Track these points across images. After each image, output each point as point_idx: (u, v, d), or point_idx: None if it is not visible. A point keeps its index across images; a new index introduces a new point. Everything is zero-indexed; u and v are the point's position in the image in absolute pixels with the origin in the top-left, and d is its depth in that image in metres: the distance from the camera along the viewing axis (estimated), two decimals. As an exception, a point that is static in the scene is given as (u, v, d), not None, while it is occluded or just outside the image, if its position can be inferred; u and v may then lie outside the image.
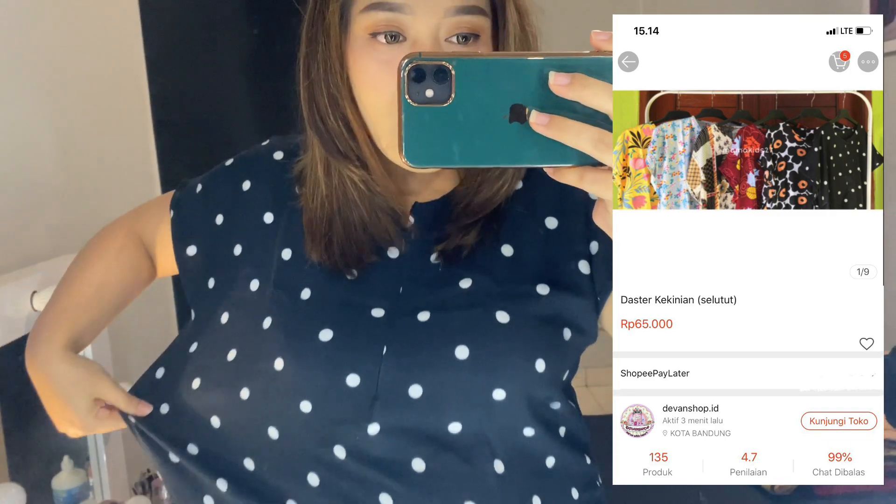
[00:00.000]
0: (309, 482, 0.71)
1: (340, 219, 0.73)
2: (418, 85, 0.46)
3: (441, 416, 0.69)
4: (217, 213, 0.82)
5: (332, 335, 0.70)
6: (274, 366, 0.70)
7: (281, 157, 0.82)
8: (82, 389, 0.82)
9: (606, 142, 0.45)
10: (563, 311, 0.72)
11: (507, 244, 0.74)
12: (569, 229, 0.75)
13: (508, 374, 0.69)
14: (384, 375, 0.68)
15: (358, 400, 0.69)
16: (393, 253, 0.74)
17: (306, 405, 0.70)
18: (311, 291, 0.72)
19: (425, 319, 0.70)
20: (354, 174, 0.72)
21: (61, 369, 0.82)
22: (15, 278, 1.24)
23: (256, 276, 0.76)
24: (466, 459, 0.70)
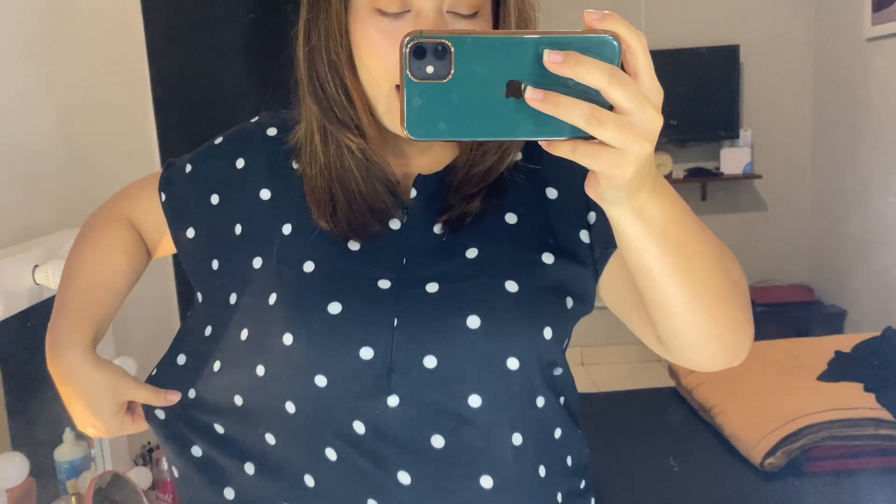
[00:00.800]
0: (327, 457, 0.71)
1: (340, 188, 0.73)
2: (419, 62, 0.48)
3: (460, 388, 0.69)
4: (212, 193, 0.80)
5: (340, 308, 0.69)
6: (283, 340, 0.70)
7: (275, 133, 0.81)
8: (109, 395, 0.81)
9: (598, 116, 0.47)
10: (567, 280, 0.73)
11: (510, 212, 0.75)
12: (569, 200, 0.76)
13: (520, 342, 0.70)
14: (397, 347, 0.69)
15: (374, 373, 0.69)
16: (395, 224, 0.74)
17: (321, 379, 0.70)
18: (315, 264, 0.72)
19: (434, 291, 0.70)
20: (352, 142, 0.72)
21: (90, 375, 0.80)
22: (16, 252, 1.25)
23: (259, 254, 0.75)
24: (486, 434, 0.70)
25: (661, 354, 0.73)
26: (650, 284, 0.61)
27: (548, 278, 0.73)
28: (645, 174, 0.51)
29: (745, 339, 0.68)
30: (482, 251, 0.72)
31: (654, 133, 0.49)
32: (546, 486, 0.73)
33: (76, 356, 0.81)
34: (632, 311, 0.74)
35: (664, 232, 0.56)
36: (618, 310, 0.76)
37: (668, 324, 0.65)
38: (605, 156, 0.48)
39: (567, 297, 0.74)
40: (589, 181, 0.53)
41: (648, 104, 0.48)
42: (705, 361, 0.69)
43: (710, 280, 0.62)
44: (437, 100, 0.48)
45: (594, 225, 0.75)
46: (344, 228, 0.72)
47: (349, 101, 0.71)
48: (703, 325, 0.64)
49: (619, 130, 0.47)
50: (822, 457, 2.08)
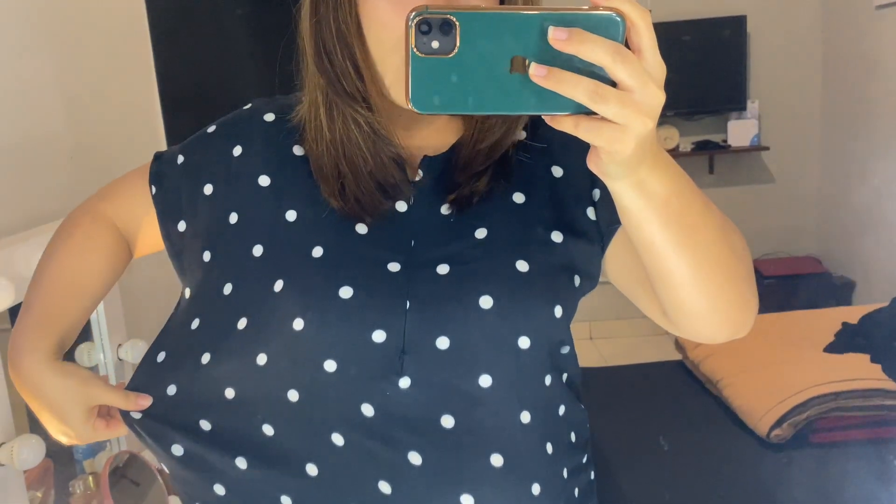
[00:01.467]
0: (333, 442, 0.70)
1: (347, 164, 0.72)
2: (425, 37, 0.49)
3: (471, 368, 0.69)
4: (205, 184, 0.78)
5: (352, 292, 0.69)
6: (292, 327, 0.69)
7: (272, 118, 0.79)
8: (76, 400, 0.78)
9: (600, 93, 0.48)
10: (576, 258, 0.74)
11: (518, 192, 0.74)
12: (574, 178, 0.76)
13: (532, 321, 0.70)
14: (410, 329, 0.68)
15: (386, 355, 0.68)
16: (402, 206, 0.73)
17: (331, 364, 0.69)
18: (324, 249, 0.71)
19: (445, 272, 0.70)
20: (359, 115, 0.70)
21: (51, 381, 0.78)
22: (26, 238, 1.27)
23: (259, 242, 0.74)
24: (495, 413, 0.70)
25: (666, 328, 0.73)
26: (653, 257, 0.62)
27: (557, 257, 0.73)
28: (646, 149, 0.52)
29: (749, 310, 0.69)
30: (491, 231, 0.72)
31: (655, 109, 0.49)
32: (553, 463, 0.74)
33: (36, 364, 0.78)
34: (637, 286, 0.74)
35: (665, 205, 0.57)
36: (623, 285, 0.77)
37: (672, 296, 0.65)
38: (607, 131, 0.49)
39: (575, 275, 0.74)
40: (590, 156, 0.53)
41: (651, 81, 0.48)
42: (710, 333, 0.70)
43: (713, 252, 0.62)
44: (442, 74, 0.49)
45: (599, 202, 0.75)
46: (353, 206, 0.72)
47: (357, 73, 0.70)
48: (706, 297, 0.64)
49: (621, 107, 0.48)
50: (828, 428, 2.09)
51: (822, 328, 2.57)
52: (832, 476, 1.91)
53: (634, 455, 2.16)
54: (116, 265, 0.86)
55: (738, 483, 1.96)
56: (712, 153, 3.78)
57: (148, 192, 0.81)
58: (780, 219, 3.89)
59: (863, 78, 3.43)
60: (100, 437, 0.81)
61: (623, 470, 2.08)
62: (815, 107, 3.82)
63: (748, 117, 3.73)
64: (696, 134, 3.83)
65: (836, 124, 3.71)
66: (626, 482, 2.02)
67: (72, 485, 1.43)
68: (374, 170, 0.72)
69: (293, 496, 0.72)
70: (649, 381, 2.71)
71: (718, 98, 3.73)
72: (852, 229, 3.61)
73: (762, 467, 2.03)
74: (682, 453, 2.13)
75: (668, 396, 2.56)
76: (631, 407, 2.46)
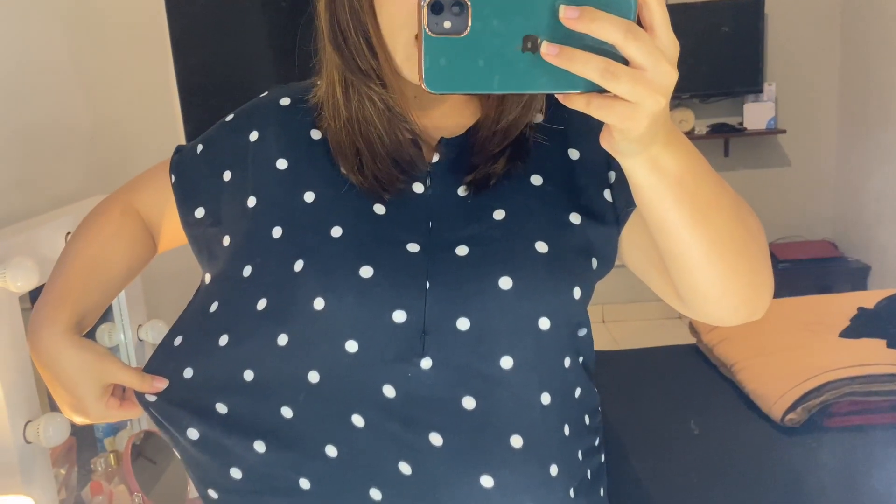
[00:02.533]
0: (353, 423, 0.71)
1: (363, 141, 0.72)
2: (437, 17, 0.49)
3: (491, 349, 0.69)
4: (224, 171, 0.79)
5: (372, 272, 0.69)
6: (313, 306, 0.69)
7: (288, 102, 0.79)
8: (90, 375, 0.78)
9: (612, 71, 0.48)
10: (593, 241, 0.74)
11: (535, 174, 0.75)
12: (591, 160, 0.76)
13: (552, 302, 0.71)
14: (430, 309, 0.69)
15: (407, 335, 0.69)
16: (419, 188, 0.74)
17: (352, 345, 0.69)
18: (343, 229, 0.71)
19: (464, 254, 0.70)
20: (374, 92, 0.71)
21: (67, 353, 0.77)
22: (49, 220, 1.28)
23: (278, 224, 0.74)
24: (516, 394, 0.70)
25: (681, 311, 0.73)
26: (666, 237, 0.62)
27: (576, 239, 0.73)
28: (659, 127, 0.52)
29: (765, 292, 0.68)
30: (509, 212, 0.72)
31: (668, 87, 0.49)
32: (570, 445, 0.75)
33: (53, 336, 0.78)
34: (651, 268, 0.74)
35: (679, 183, 0.57)
36: (637, 267, 0.77)
37: (686, 278, 0.65)
38: (619, 109, 0.49)
39: (593, 257, 0.74)
40: (603, 133, 0.54)
41: (663, 59, 0.48)
42: (725, 315, 0.69)
43: (728, 231, 0.62)
44: (454, 54, 0.49)
45: (615, 183, 0.75)
46: (372, 183, 0.72)
47: (371, 51, 0.70)
48: (721, 278, 0.64)
49: (633, 85, 0.48)
50: (842, 412, 2.09)
51: (837, 313, 2.56)
52: (846, 461, 1.91)
53: (647, 438, 2.16)
54: (142, 254, 0.86)
55: (752, 467, 1.96)
56: (728, 136, 3.75)
57: (169, 182, 0.82)
58: (796, 202, 3.87)
59: (881, 62, 3.39)
60: (112, 416, 0.81)
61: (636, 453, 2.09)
62: (833, 90, 3.78)
63: (765, 100, 3.69)
64: (712, 117, 3.80)
65: (854, 108, 3.67)
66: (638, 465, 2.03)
67: (93, 462, 1.46)
68: (390, 147, 0.72)
69: (312, 478, 0.72)
70: (662, 364, 2.71)
71: (735, 80, 3.69)
72: (868, 213, 3.58)
73: (776, 451, 2.03)
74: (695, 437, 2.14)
75: (682, 380, 2.55)
76: (644, 391, 2.46)
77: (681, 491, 1.90)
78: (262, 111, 0.80)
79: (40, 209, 1.37)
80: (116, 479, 1.46)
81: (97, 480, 1.42)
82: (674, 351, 2.81)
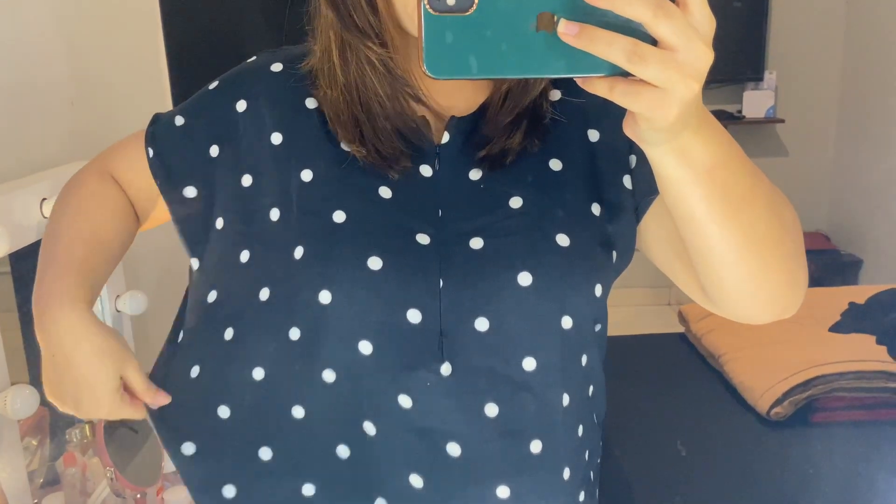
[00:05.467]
0: (364, 432, 0.66)
1: (363, 109, 0.66)
2: None
3: (514, 350, 0.65)
4: (210, 145, 0.72)
5: (381, 263, 0.63)
6: (319, 299, 0.63)
7: (280, 68, 0.72)
8: (112, 366, 0.69)
9: (640, 53, 0.42)
10: (614, 233, 0.69)
11: (554, 158, 0.69)
12: (611, 143, 0.70)
13: (574, 300, 0.66)
14: (446, 310, 0.63)
15: (424, 338, 0.63)
16: (426, 171, 0.67)
17: (366, 346, 0.63)
18: (346, 214, 0.65)
19: (479, 247, 0.64)
20: (373, 52, 0.64)
21: (92, 340, 0.68)
22: (24, 185, 1.24)
23: (276, 205, 0.68)
24: (539, 397, 0.66)
25: (706, 307, 0.68)
26: (694, 232, 0.56)
27: (597, 231, 0.68)
28: (690, 113, 0.46)
29: (799, 289, 0.63)
30: (527, 200, 0.66)
31: (702, 71, 0.44)
32: (582, 446, 0.71)
33: (79, 314, 0.68)
34: (674, 261, 0.69)
35: (710, 175, 0.51)
36: (658, 259, 0.72)
37: (715, 274, 0.60)
38: (647, 96, 0.43)
39: (613, 251, 0.69)
40: (627, 121, 0.48)
41: (697, 38, 0.43)
42: (753, 314, 0.64)
43: (762, 227, 0.56)
44: (459, 35, 0.43)
45: (635, 169, 0.70)
46: (374, 156, 0.66)
47: (369, 4, 0.64)
48: (752, 276, 0.59)
49: (664, 68, 0.42)
50: (829, 408, 2.08)
51: (828, 307, 2.55)
52: (831, 456, 1.90)
53: (631, 428, 2.16)
54: (130, 228, 0.79)
55: (736, 459, 1.96)
56: (726, 123, 3.71)
57: (146, 156, 0.75)
58: (791, 193, 3.74)
59: (885, 57, 3.35)
60: (124, 413, 0.71)
61: (620, 442, 2.08)
62: (834, 81, 3.75)
63: (765, 88, 3.65)
64: (711, 103, 3.76)
65: (854, 100, 3.64)
66: (621, 455, 2.02)
67: (68, 433, 1.43)
68: (393, 115, 0.66)
69: (318, 483, 0.68)
70: (649, 352, 2.70)
71: (735, 67, 3.65)
72: (863, 207, 3.56)
73: (761, 445, 2.02)
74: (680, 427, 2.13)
75: (669, 369, 2.55)
76: (630, 379, 2.45)
77: (664, 481, 1.89)
78: (251, 78, 0.73)
79: (15, 174, 1.33)
80: (91, 451, 1.44)
81: (71, 452, 1.40)
82: (662, 339, 2.80)
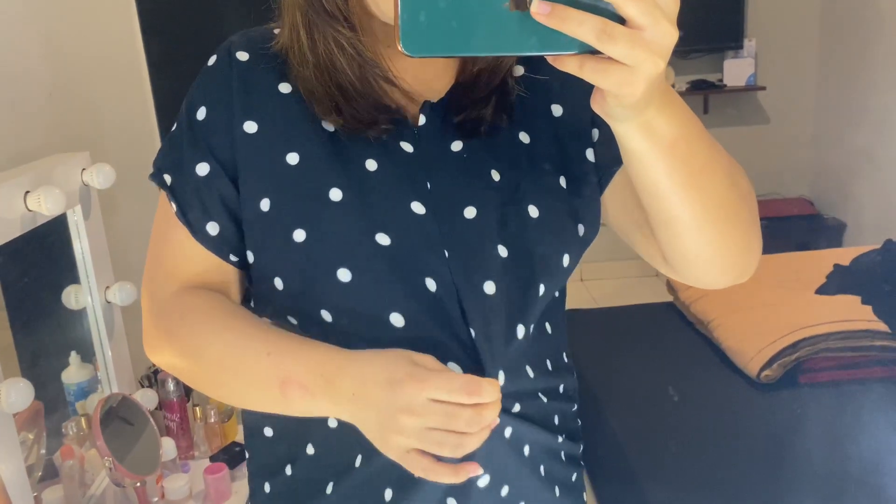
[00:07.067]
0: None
1: (337, 89, 0.66)
2: None
3: (512, 315, 0.67)
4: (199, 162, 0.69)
5: (389, 240, 0.64)
6: (338, 278, 0.64)
7: (247, 57, 0.70)
8: (396, 356, 0.64)
9: (609, 32, 0.44)
10: (580, 206, 0.71)
11: (522, 131, 0.71)
12: (574, 117, 0.72)
13: (545, 270, 0.68)
14: (457, 277, 0.65)
15: (445, 305, 0.65)
16: (407, 147, 0.68)
17: (397, 318, 0.65)
18: (342, 191, 0.65)
19: (472, 216, 0.67)
20: (341, 36, 0.65)
21: (365, 370, 0.62)
22: (7, 178, 1.23)
23: (264, 195, 0.67)
24: (531, 362, 0.70)
25: (667, 273, 0.71)
26: (657, 202, 0.59)
27: (565, 203, 0.70)
28: (654, 89, 0.49)
29: (754, 255, 0.67)
30: (503, 173, 0.69)
31: (667, 49, 0.46)
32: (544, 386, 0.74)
33: (337, 384, 0.62)
34: (635, 230, 0.72)
35: (672, 148, 0.54)
36: (620, 228, 0.75)
37: (676, 242, 0.63)
38: (615, 73, 0.46)
39: (580, 223, 0.71)
40: (595, 97, 0.50)
41: (663, 17, 0.45)
42: (712, 279, 0.68)
43: (720, 197, 0.60)
44: (434, 14, 0.45)
45: (598, 142, 0.72)
46: (354, 123, 0.66)
47: None
48: (711, 243, 0.62)
49: (631, 47, 0.44)
50: (817, 368, 2.11)
51: (813, 270, 2.58)
52: (820, 415, 1.93)
53: (624, 396, 2.18)
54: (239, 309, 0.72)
55: (728, 423, 1.98)
56: (707, 93, 3.72)
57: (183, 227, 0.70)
58: (774, 160, 3.87)
59: (861, 20, 3.36)
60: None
61: (614, 410, 2.11)
62: (813, 47, 3.76)
63: (745, 56, 3.66)
64: (692, 73, 3.77)
65: (833, 65, 3.65)
66: (616, 422, 2.04)
67: (65, 426, 1.43)
68: (365, 92, 0.67)
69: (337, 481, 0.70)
70: (640, 322, 2.72)
71: (716, 36, 3.66)
72: (845, 171, 3.59)
73: (751, 407, 2.05)
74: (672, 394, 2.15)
75: (659, 337, 2.57)
76: (621, 348, 2.47)
77: (657, 447, 1.92)
78: (219, 75, 0.70)
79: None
80: (88, 444, 1.44)
81: (68, 445, 1.40)
82: (651, 308, 2.83)
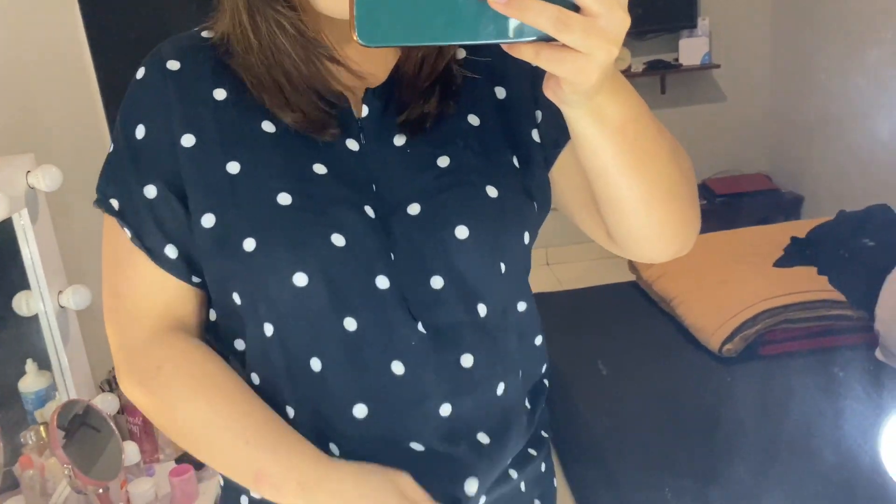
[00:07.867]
0: (355, 416, 0.66)
1: (283, 74, 0.65)
2: None
3: (469, 300, 0.67)
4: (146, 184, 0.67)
5: (344, 240, 0.64)
6: (294, 283, 0.63)
7: (178, 66, 0.68)
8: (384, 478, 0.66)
9: (564, 20, 0.45)
10: (532, 184, 0.72)
11: (471, 114, 0.71)
12: (518, 99, 0.72)
13: (507, 248, 0.69)
14: (402, 276, 0.65)
15: (391, 302, 0.65)
16: (353, 145, 0.67)
17: (350, 322, 0.65)
18: (291, 196, 0.64)
19: (417, 212, 0.66)
20: (282, 17, 0.64)
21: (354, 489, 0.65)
22: (-52, 184, 1.20)
23: (207, 210, 0.66)
24: (497, 339, 0.69)
25: (610, 249, 0.74)
26: (605, 184, 0.61)
27: (520, 181, 0.70)
28: (605, 76, 0.50)
29: (694, 230, 0.70)
30: (454, 158, 0.68)
31: (621, 36, 0.47)
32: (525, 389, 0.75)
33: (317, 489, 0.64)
34: (581, 209, 0.73)
35: (621, 131, 0.56)
36: (566, 208, 0.75)
37: (622, 221, 0.65)
38: (570, 60, 0.47)
39: (534, 201, 0.72)
40: (549, 84, 0.51)
41: (617, 5, 0.46)
42: (655, 254, 0.71)
43: (664, 177, 0.62)
44: (390, 3, 0.45)
45: (542, 123, 0.72)
46: (301, 122, 0.66)
47: None
48: (655, 221, 0.64)
49: (587, 35, 0.45)
50: (777, 339, 2.16)
51: (771, 243, 2.62)
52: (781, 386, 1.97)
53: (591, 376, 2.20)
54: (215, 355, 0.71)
55: (692, 398, 2.01)
56: (664, 73, 3.75)
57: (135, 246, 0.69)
58: (731, 137, 3.92)
59: (812, -9, 3.41)
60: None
61: (580, 390, 2.13)
62: (766, 24, 3.81)
63: (699, 34, 3.69)
64: (648, 53, 3.79)
65: (786, 42, 3.70)
66: (583, 402, 2.06)
67: (23, 436, 1.40)
68: (310, 78, 0.66)
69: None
70: (605, 302, 2.75)
71: (670, 16, 3.68)
72: (801, 145, 3.65)
73: (715, 381, 2.09)
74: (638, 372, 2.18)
75: (624, 317, 2.60)
76: (587, 329, 2.50)
77: (624, 425, 1.94)
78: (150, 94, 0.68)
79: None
80: (48, 452, 1.41)
81: (27, 455, 1.37)
82: (615, 289, 2.86)
